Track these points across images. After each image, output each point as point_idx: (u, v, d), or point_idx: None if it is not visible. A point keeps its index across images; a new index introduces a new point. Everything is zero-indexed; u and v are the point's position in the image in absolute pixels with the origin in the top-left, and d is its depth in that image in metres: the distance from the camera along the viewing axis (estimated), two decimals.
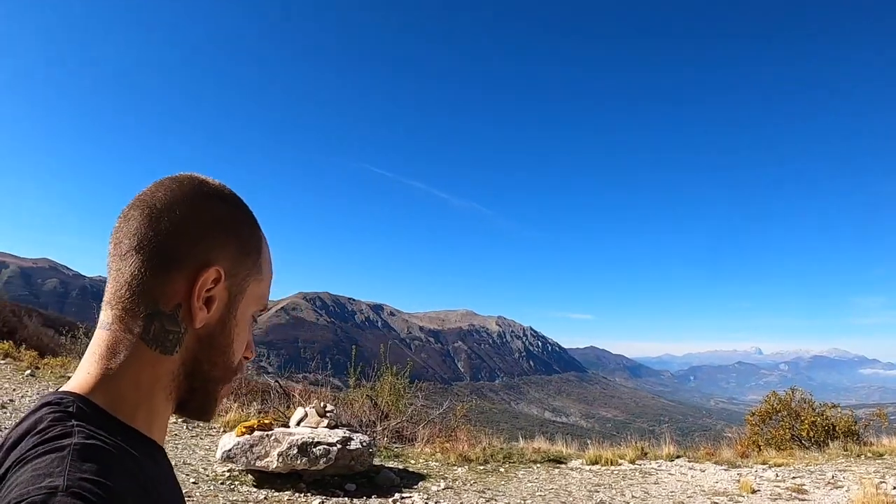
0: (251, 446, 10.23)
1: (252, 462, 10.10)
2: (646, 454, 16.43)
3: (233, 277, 1.25)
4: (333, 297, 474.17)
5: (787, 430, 18.47)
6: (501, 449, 15.71)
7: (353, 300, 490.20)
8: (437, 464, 13.73)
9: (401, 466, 12.94)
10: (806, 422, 18.15)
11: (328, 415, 12.36)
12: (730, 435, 23.02)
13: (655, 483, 13.28)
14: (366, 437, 11.83)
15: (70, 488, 0.91)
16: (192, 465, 10.67)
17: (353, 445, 11.18)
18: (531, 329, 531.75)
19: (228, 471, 10.34)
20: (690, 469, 14.71)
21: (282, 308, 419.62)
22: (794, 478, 13.63)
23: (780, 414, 19.35)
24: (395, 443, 15.56)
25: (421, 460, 13.97)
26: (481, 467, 13.89)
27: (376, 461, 12.42)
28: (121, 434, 1.09)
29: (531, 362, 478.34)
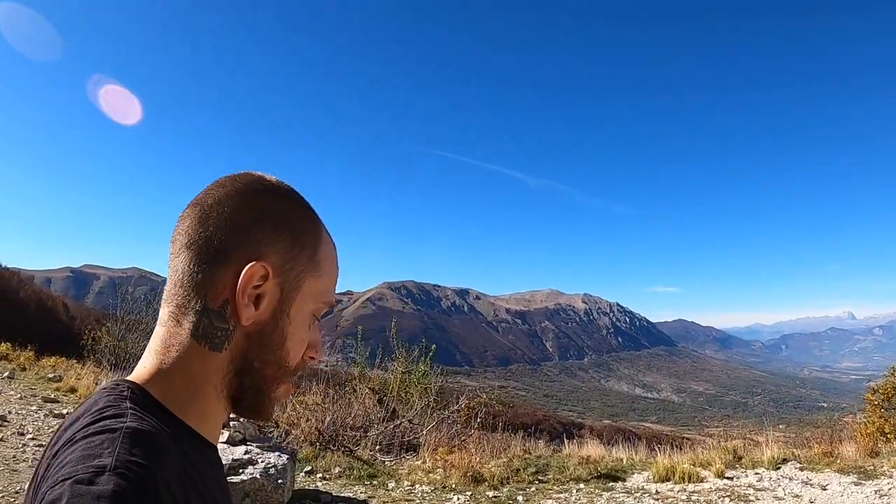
0: None
1: None
2: (740, 459, 11.65)
3: (285, 274, 1.20)
4: (418, 284, 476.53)
5: None
6: (534, 459, 11.29)
7: (439, 286, 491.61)
8: (428, 488, 9.76)
9: (363, 497, 9.12)
10: None
11: (234, 425, 9.02)
12: (846, 420, 17.55)
13: None
14: (281, 460, 8.31)
15: (117, 469, 0.89)
16: None
17: (250, 473, 7.86)
18: (618, 305, 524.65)
19: None
20: (806, 484, 10.03)
21: (368, 299, 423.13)
22: None
23: None
24: (388, 454, 11.76)
25: (406, 483, 9.99)
26: (493, 493, 9.61)
27: (336, 486, 9.54)
28: (172, 425, 1.09)
29: (619, 339, 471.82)
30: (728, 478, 10.51)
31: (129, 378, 1.16)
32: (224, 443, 8.66)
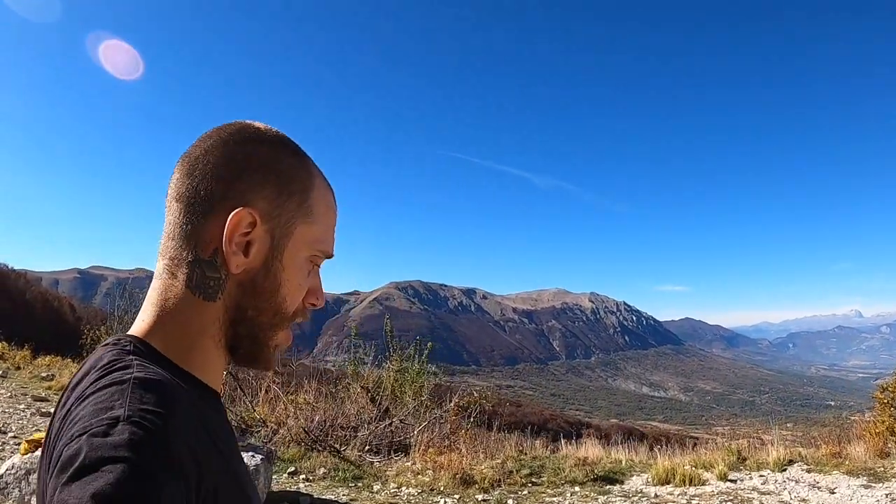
0: (27, 473, 6.55)
1: (26, 498, 6.42)
2: (744, 461, 11.16)
3: (274, 220, 1.19)
4: (425, 284, 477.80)
5: None
6: (529, 460, 10.87)
7: (445, 286, 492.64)
8: (415, 490, 9.33)
9: (344, 499, 8.70)
10: None
11: None
12: (855, 419, 16.96)
13: None
14: (253, 461, 7.83)
15: (131, 418, 0.90)
16: None
17: None
18: (625, 304, 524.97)
19: None
20: (814, 487, 9.54)
21: (375, 299, 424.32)
22: None
23: None
24: (377, 454, 11.33)
25: (393, 485, 9.54)
26: (483, 496, 9.21)
27: (318, 488, 9.11)
28: (176, 375, 1.10)
29: (626, 337, 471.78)
30: (731, 480, 9.98)
31: (129, 333, 1.16)
32: None
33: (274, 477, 8.81)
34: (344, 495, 8.76)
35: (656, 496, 9.22)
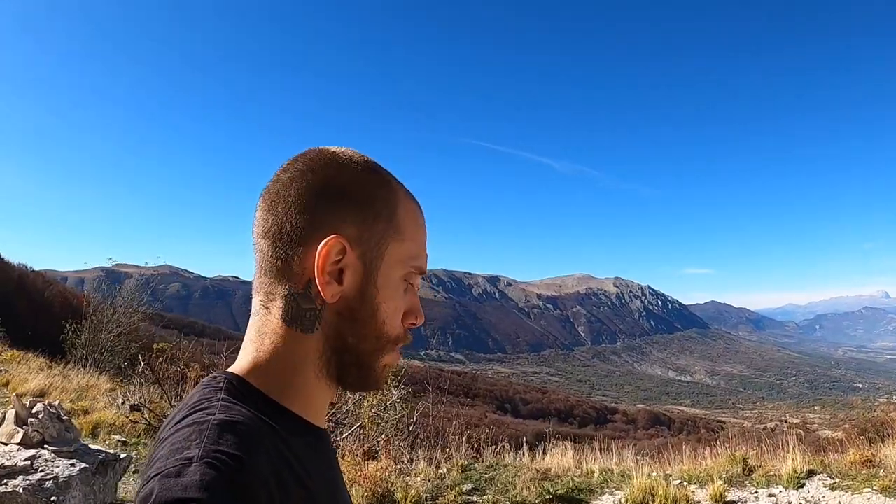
0: None
1: None
2: (751, 472, 8.66)
3: (364, 243, 1.17)
4: (449, 272, 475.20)
5: None
6: (480, 471, 8.70)
7: (469, 274, 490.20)
8: None
9: None
10: None
11: (31, 422, 7.21)
12: (883, 402, 14.47)
13: None
14: (72, 470, 6.74)
15: (204, 459, 0.90)
16: None
17: (14, 485, 6.17)
18: (649, 288, 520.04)
19: None
20: None
21: None
22: None
23: None
24: None
25: None
26: None
27: None
28: (271, 413, 1.09)
29: (651, 322, 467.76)
30: (730, 502, 7.67)
31: (229, 369, 1.16)
32: (18, 444, 6.92)
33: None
34: None
35: None
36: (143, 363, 13.36)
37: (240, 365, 1.16)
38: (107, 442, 10.47)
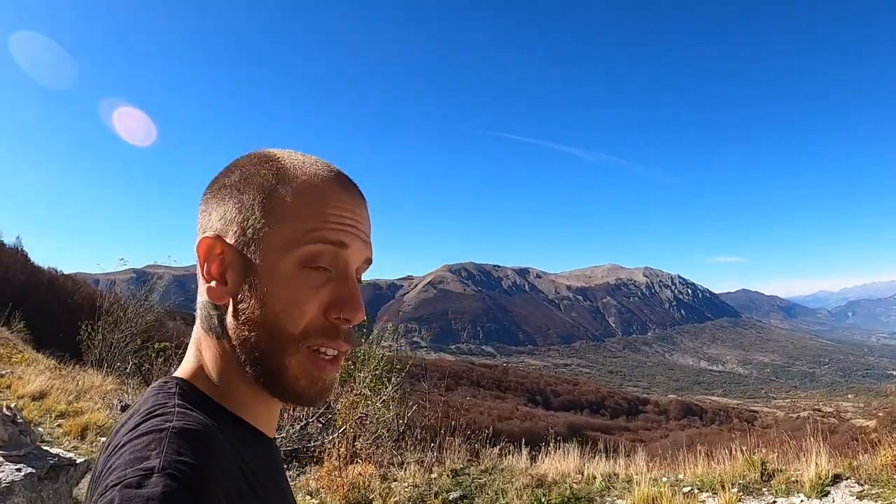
0: None
1: None
2: (770, 478, 7.66)
3: (240, 236, 1.09)
4: (478, 266, 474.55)
5: None
6: (473, 476, 7.90)
7: (499, 267, 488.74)
8: None
9: None
10: None
11: None
12: None
13: None
14: (14, 476, 6.07)
15: (165, 469, 0.86)
16: None
17: None
18: (679, 277, 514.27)
19: None
20: None
21: (428, 283, 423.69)
22: None
23: None
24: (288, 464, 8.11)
25: None
26: None
27: None
28: (222, 419, 1.06)
29: (682, 311, 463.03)
30: None
31: (176, 374, 1.14)
32: None
33: None
34: None
35: None
36: (131, 363, 12.82)
37: (185, 369, 1.13)
38: (94, 444, 9.87)
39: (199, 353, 1.13)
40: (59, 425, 10.84)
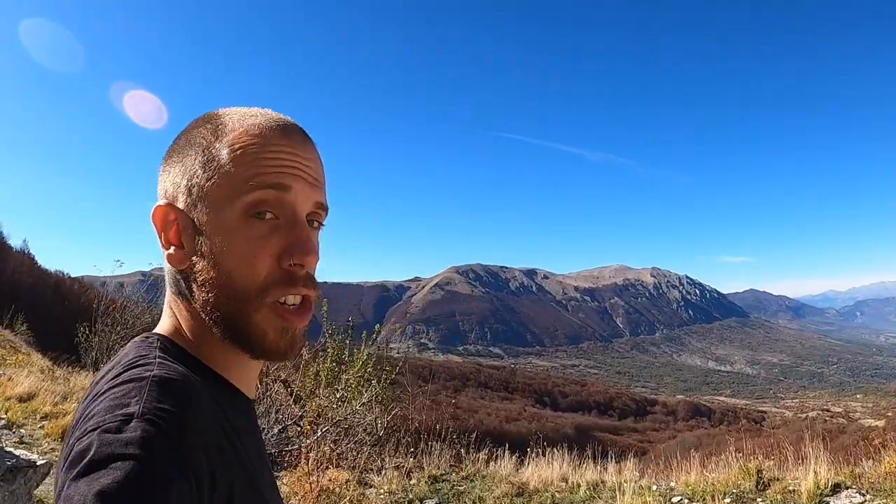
0: None
1: None
2: (766, 487, 7.06)
3: (182, 196, 1.09)
4: (485, 267, 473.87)
5: None
6: (456, 481, 7.56)
7: (506, 268, 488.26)
8: None
9: None
10: None
11: None
12: None
13: None
14: None
15: (145, 415, 0.86)
16: None
17: None
18: (687, 277, 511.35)
19: None
20: None
21: (435, 284, 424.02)
22: None
23: None
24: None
25: None
26: None
27: None
28: (202, 373, 1.06)
29: (690, 311, 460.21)
30: None
31: (156, 331, 1.14)
32: None
33: None
34: None
35: None
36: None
37: (163, 328, 1.14)
38: None
39: (173, 315, 1.13)
40: (41, 427, 10.58)
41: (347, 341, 11.02)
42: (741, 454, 7.54)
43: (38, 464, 6.75)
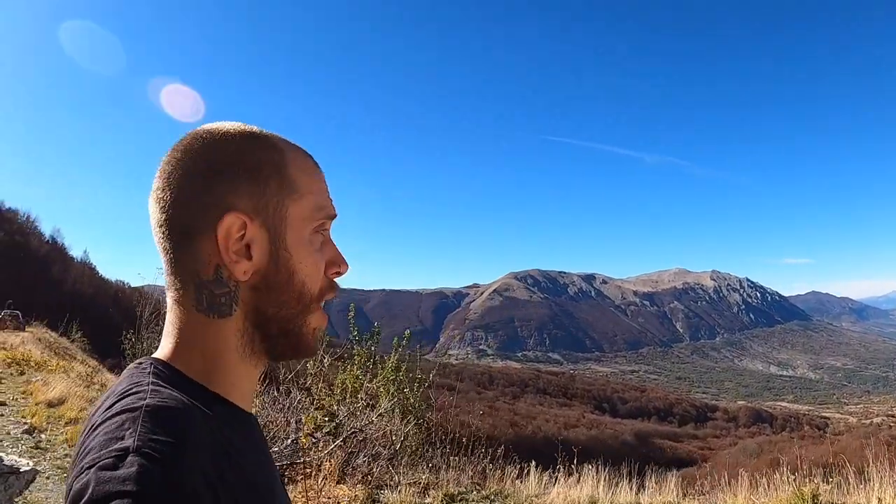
0: None
1: None
2: None
3: (263, 212, 1.13)
4: (544, 272, 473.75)
5: None
6: (475, 500, 6.89)
7: (564, 273, 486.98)
8: None
9: None
10: None
11: None
12: None
13: None
14: None
15: (140, 449, 0.86)
16: None
17: None
18: (747, 280, 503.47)
19: None
20: None
21: (494, 291, 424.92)
22: None
23: None
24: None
25: None
26: None
27: None
28: (201, 397, 1.07)
29: (751, 315, 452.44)
30: None
31: (153, 356, 1.14)
32: None
33: None
34: None
35: None
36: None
37: (162, 352, 1.13)
38: None
39: (180, 335, 1.13)
40: (63, 433, 10.62)
41: (373, 348, 10.48)
42: (797, 473, 6.57)
43: (21, 470, 6.40)
